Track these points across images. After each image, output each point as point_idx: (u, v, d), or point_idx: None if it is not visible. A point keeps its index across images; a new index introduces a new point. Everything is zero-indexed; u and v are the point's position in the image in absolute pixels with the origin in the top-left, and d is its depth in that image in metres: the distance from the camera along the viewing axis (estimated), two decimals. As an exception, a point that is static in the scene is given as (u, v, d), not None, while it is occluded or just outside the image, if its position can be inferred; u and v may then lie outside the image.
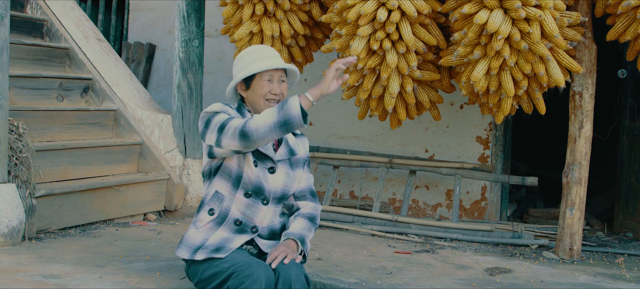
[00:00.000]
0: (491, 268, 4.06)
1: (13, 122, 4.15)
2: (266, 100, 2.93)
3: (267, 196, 2.93)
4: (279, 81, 2.95)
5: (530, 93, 4.30)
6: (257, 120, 2.70)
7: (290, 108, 2.65)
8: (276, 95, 2.94)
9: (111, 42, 7.32)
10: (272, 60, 2.95)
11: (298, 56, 4.89)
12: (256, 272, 2.64)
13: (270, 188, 2.94)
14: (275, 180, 2.95)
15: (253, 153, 2.90)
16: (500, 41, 3.91)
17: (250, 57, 2.96)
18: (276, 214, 3.01)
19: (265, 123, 2.68)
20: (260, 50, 3.01)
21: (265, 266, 2.70)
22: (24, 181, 4.01)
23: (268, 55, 2.97)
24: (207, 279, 2.81)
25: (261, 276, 2.64)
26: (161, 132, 5.41)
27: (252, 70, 2.90)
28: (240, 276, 2.65)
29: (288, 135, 3.03)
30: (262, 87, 2.92)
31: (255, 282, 2.62)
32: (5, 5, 3.88)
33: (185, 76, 5.39)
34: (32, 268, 3.39)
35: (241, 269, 2.67)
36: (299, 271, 2.74)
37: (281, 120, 2.66)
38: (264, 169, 2.93)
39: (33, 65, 5.19)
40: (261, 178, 2.91)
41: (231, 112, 2.90)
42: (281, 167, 2.98)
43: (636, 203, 5.45)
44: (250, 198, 2.91)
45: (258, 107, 2.95)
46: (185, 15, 5.35)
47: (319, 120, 5.99)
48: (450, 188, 5.53)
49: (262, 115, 2.70)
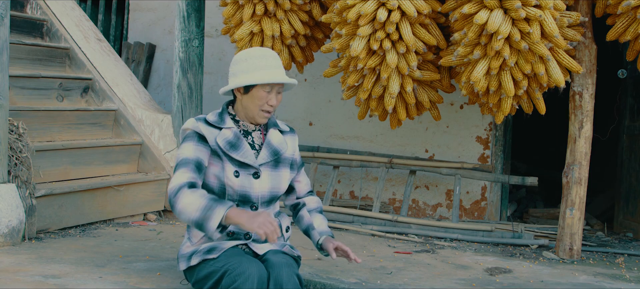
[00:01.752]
0: (491, 268, 4.06)
1: (13, 122, 4.15)
2: (261, 111, 2.91)
3: (254, 202, 2.91)
4: (276, 93, 2.93)
5: (530, 93, 4.30)
6: (185, 203, 2.71)
7: (210, 217, 2.67)
8: (272, 106, 2.92)
9: (111, 42, 7.32)
10: (276, 72, 2.91)
11: (298, 56, 4.89)
12: (248, 270, 2.64)
13: (257, 193, 2.91)
14: (261, 185, 2.92)
15: (233, 163, 2.87)
16: (500, 41, 3.91)
17: (255, 62, 2.90)
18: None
19: (188, 213, 2.71)
20: (267, 57, 2.93)
21: (257, 263, 2.70)
22: (24, 181, 4.01)
23: (274, 65, 2.92)
24: (202, 280, 2.82)
25: (253, 274, 2.64)
26: (161, 132, 5.40)
27: (256, 80, 2.85)
28: (232, 274, 2.65)
29: (272, 134, 3.00)
30: (261, 98, 2.89)
31: (248, 280, 2.62)
32: (5, 5, 3.88)
33: (185, 76, 5.39)
34: (32, 268, 3.39)
35: (233, 267, 2.67)
36: (290, 271, 2.74)
37: (198, 221, 2.69)
38: (247, 176, 2.90)
39: (33, 65, 5.19)
40: (246, 185, 2.89)
41: (202, 129, 2.88)
42: (265, 170, 2.94)
43: (636, 203, 5.45)
44: (238, 208, 2.89)
45: (251, 114, 2.93)
46: (185, 15, 5.34)
47: (319, 120, 5.99)
48: (450, 188, 5.53)
49: (191, 202, 2.70)
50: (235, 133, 2.92)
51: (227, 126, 2.92)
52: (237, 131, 2.93)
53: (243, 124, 2.99)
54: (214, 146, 2.88)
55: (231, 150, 2.88)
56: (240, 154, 2.88)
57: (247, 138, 2.97)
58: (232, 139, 2.90)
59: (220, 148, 2.87)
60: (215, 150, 2.88)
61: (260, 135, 3.01)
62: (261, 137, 3.00)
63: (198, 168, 2.84)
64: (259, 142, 2.98)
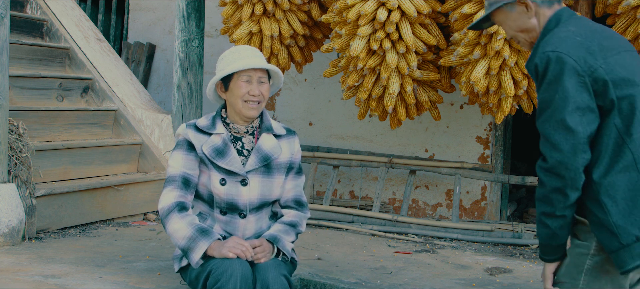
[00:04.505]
0: (491, 268, 4.06)
1: (13, 122, 4.15)
2: (244, 102, 2.85)
3: (242, 209, 2.87)
4: (258, 82, 2.86)
5: (530, 93, 4.30)
6: (174, 228, 2.77)
7: (194, 249, 2.72)
8: (255, 96, 2.84)
9: (111, 42, 7.32)
10: (250, 60, 2.85)
11: (297, 56, 4.89)
12: (231, 268, 2.65)
13: (244, 201, 2.87)
14: (249, 192, 2.87)
15: (219, 170, 2.85)
16: (500, 41, 3.91)
17: (229, 58, 2.88)
18: (262, 220, 2.95)
19: (175, 238, 2.77)
20: (240, 50, 2.91)
21: (241, 262, 2.69)
22: (24, 181, 4.01)
23: (247, 55, 2.87)
24: (194, 280, 2.84)
25: (236, 272, 2.64)
26: (161, 132, 5.40)
27: (230, 70, 2.83)
28: (215, 273, 2.66)
29: (264, 139, 2.92)
30: (240, 88, 2.83)
31: (231, 278, 2.63)
32: (5, 5, 3.88)
33: (185, 76, 5.39)
34: (32, 268, 3.39)
35: (217, 266, 2.68)
36: (277, 272, 2.73)
37: (183, 249, 2.75)
38: (235, 183, 2.86)
39: (33, 65, 5.19)
40: (233, 193, 2.85)
41: (190, 136, 2.87)
42: (254, 177, 2.88)
43: (636, 203, 5.44)
44: (227, 215, 2.88)
45: (237, 110, 2.87)
46: (185, 15, 5.34)
47: (319, 120, 5.99)
48: (450, 188, 5.53)
49: (179, 230, 2.75)
50: (224, 139, 2.88)
51: (217, 131, 2.89)
52: (226, 137, 2.88)
53: (234, 127, 2.92)
54: (200, 155, 2.87)
55: (217, 158, 2.84)
56: (226, 162, 2.84)
57: (237, 143, 2.92)
58: (220, 146, 2.87)
59: (206, 157, 2.85)
60: (202, 159, 2.87)
61: (253, 139, 2.95)
62: (254, 142, 2.94)
63: (185, 184, 2.85)
64: (250, 147, 2.93)
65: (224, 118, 2.95)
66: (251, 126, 2.95)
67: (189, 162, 2.87)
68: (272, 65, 2.91)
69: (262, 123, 2.98)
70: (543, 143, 2.19)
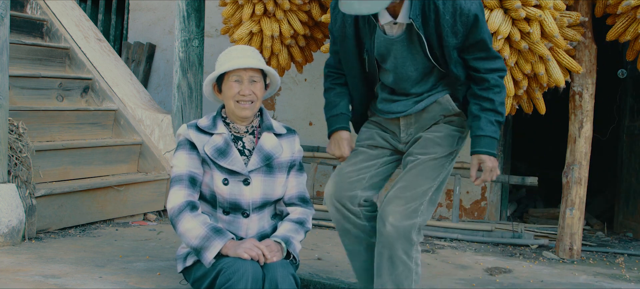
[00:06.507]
0: (491, 268, 4.06)
1: (13, 122, 4.15)
2: (236, 102, 2.84)
3: (245, 209, 2.87)
4: (249, 81, 2.84)
5: (530, 93, 4.30)
6: (186, 228, 2.74)
7: (208, 248, 2.71)
8: (246, 96, 2.84)
9: (111, 42, 7.32)
10: (239, 60, 2.83)
11: (298, 56, 4.89)
12: (243, 268, 2.63)
13: (247, 200, 2.87)
14: (252, 191, 2.87)
15: (221, 170, 2.85)
16: (500, 41, 3.91)
17: (223, 58, 2.89)
18: (264, 219, 2.95)
19: (187, 238, 2.75)
20: (232, 51, 2.90)
21: (252, 262, 2.68)
22: (24, 181, 4.01)
23: (237, 56, 2.86)
24: (199, 279, 2.82)
25: (248, 272, 2.62)
26: (161, 132, 5.41)
27: (217, 73, 2.84)
28: (226, 273, 2.64)
29: (265, 138, 2.93)
30: (231, 88, 2.83)
31: (242, 278, 2.61)
32: (5, 5, 3.88)
33: (185, 76, 5.39)
34: (32, 268, 3.39)
35: (228, 265, 2.66)
36: (285, 271, 2.71)
37: (196, 249, 2.74)
38: (237, 183, 2.86)
39: (33, 65, 5.19)
40: (236, 193, 2.85)
41: (192, 136, 2.87)
42: (257, 176, 2.88)
43: (636, 203, 5.45)
44: (230, 214, 2.88)
45: (231, 110, 2.88)
46: (185, 15, 5.34)
47: (318, 120, 5.98)
48: (450, 188, 5.52)
49: (191, 229, 2.74)
50: (226, 139, 2.88)
51: (218, 131, 2.89)
52: (227, 136, 2.88)
53: (234, 127, 2.93)
54: (202, 155, 2.87)
55: (219, 158, 2.84)
56: (228, 161, 2.84)
57: (238, 143, 2.92)
58: (222, 146, 2.87)
59: (208, 157, 2.85)
60: (204, 159, 2.87)
61: (254, 139, 2.95)
62: (254, 141, 2.94)
63: (192, 182, 2.84)
64: (251, 147, 2.93)
65: (224, 118, 2.95)
66: (251, 126, 2.96)
67: (193, 161, 2.87)
68: (263, 64, 2.88)
69: (263, 123, 2.98)
70: (494, 59, 2.77)
